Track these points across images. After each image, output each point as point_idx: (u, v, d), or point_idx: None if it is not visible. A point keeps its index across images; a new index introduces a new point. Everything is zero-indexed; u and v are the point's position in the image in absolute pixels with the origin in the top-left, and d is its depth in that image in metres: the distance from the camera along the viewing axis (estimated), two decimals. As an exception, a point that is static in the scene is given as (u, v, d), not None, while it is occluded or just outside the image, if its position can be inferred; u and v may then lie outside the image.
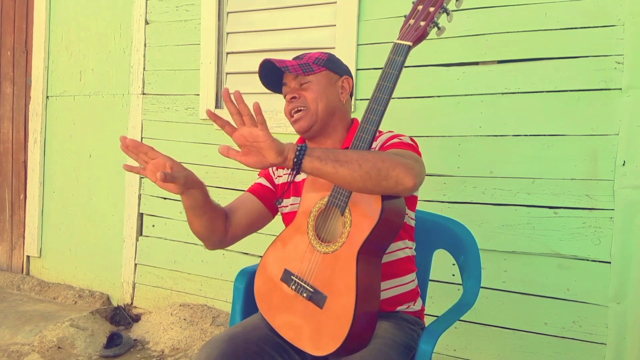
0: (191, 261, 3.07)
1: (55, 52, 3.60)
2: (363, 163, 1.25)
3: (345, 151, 1.30)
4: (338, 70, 1.58)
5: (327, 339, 1.31)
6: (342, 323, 1.29)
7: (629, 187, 1.99)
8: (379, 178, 1.25)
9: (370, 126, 1.35)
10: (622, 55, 2.01)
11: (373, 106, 1.36)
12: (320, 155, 1.26)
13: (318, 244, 1.39)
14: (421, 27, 1.38)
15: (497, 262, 2.23)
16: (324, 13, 2.65)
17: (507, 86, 2.21)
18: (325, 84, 1.54)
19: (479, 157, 2.26)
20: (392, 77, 1.36)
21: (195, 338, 2.78)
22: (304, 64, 1.54)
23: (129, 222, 3.28)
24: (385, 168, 1.25)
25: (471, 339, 2.29)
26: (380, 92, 1.36)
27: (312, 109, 1.53)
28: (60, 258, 3.60)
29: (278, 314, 1.43)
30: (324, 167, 1.25)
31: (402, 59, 1.36)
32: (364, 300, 1.30)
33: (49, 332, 2.83)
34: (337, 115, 1.56)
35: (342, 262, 1.33)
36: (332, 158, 1.26)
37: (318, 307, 1.34)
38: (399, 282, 1.51)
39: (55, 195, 3.62)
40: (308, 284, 1.37)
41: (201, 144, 3.04)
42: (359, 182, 1.26)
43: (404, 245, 1.53)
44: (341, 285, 1.31)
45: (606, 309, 2.04)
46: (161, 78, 3.18)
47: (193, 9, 3.04)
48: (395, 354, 1.35)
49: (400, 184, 1.26)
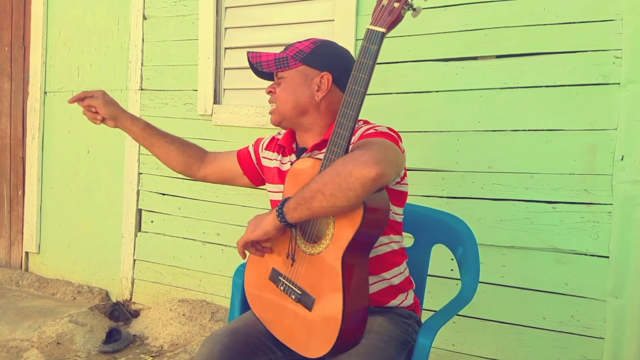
0: (190, 257, 3.07)
1: (53, 48, 3.59)
2: (324, 188, 1.22)
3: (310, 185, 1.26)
4: (319, 65, 1.49)
5: (318, 342, 1.29)
6: (331, 326, 1.27)
7: (628, 181, 1.99)
8: (343, 192, 1.20)
9: (347, 122, 1.27)
10: (620, 50, 2.00)
11: (349, 99, 1.27)
12: (295, 205, 1.29)
13: (304, 244, 1.36)
14: (395, 9, 1.25)
15: (496, 256, 2.23)
16: (322, 8, 2.64)
17: (506, 81, 2.21)
18: (298, 82, 1.49)
19: (478, 152, 2.26)
20: (367, 68, 1.25)
21: (194, 333, 2.78)
22: (281, 58, 1.51)
23: (127, 217, 3.28)
24: (343, 179, 1.19)
25: (470, 334, 2.29)
26: (355, 84, 1.26)
27: (280, 108, 1.52)
28: (59, 254, 3.60)
29: (269, 313, 1.43)
30: (303, 214, 1.28)
31: (377, 47, 1.25)
32: (351, 301, 1.28)
33: (48, 328, 2.83)
34: (311, 114, 1.50)
35: (327, 264, 1.30)
36: (302, 202, 1.27)
37: (307, 309, 1.32)
38: (385, 277, 1.48)
39: (53, 191, 3.62)
40: (296, 285, 1.36)
41: (200, 139, 3.02)
42: (331, 207, 1.23)
43: (389, 240, 1.50)
44: (328, 287, 1.29)
45: (604, 304, 2.04)
46: (159, 73, 3.17)
47: (191, 4, 3.03)
48: (391, 349, 1.35)
49: (364, 183, 1.18)
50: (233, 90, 2.95)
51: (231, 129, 2.91)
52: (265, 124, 2.77)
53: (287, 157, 1.59)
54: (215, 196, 2.96)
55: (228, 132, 2.92)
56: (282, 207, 1.31)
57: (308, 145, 1.53)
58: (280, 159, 1.62)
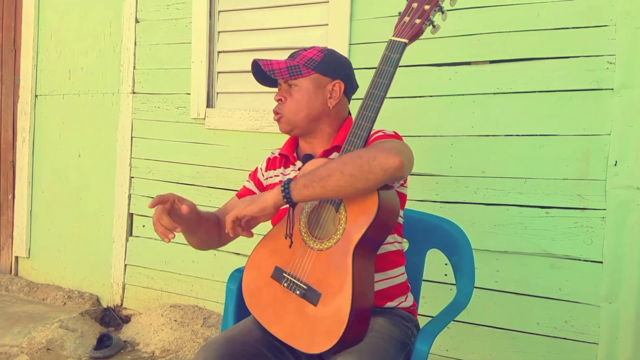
0: (182, 262, 3.05)
1: (44, 51, 3.57)
2: (344, 168, 1.26)
3: (327, 164, 1.30)
4: (330, 73, 1.54)
5: (322, 337, 1.29)
6: (337, 321, 1.28)
7: (621, 187, 2.00)
8: (364, 173, 1.25)
9: (365, 122, 1.35)
10: (614, 55, 2.01)
11: (368, 102, 1.36)
12: (306, 182, 1.29)
13: (311, 241, 1.38)
14: (417, 25, 1.37)
15: (489, 262, 2.23)
16: (316, 12, 2.63)
17: (499, 86, 2.21)
18: (312, 90, 1.52)
19: (471, 157, 2.26)
20: (387, 74, 1.36)
21: (186, 339, 2.76)
22: (293, 66, 1.52)
23: (118, 222, 3.26)
24: (365, 162, 1.25)
25: (463, 339, 2.28)
26: (375, 88, 1.36)
27: (290, 117, 1.54)
28: (49, 259, 3.56)
29: (268, 312, 1.42)
30: (313, 192, 1.28)
31: (398, 56, 1.36)
32: (359, 297, 1.29)
33: (38, 334, 2.79)
34: (324, 120, 1.55)
35: (337, 260, 1.32)
36: (316, 179, 1.28)
37: (312, 304, 1.33)
38: (388, 276, 1.50)
39: (44, 195, 3.59)
40: (301, 281, 1.36)
41: (192, 143, 3.02)
42: (348, 187, 1.27)
43: (393, 240, 1.52)
44: (336, 282, 1.30)
45: (598, 309, 2.04)
46: (152, 77, 3.16)
47: (184, 7, 3.02)
48: (392, 349, 1.35)
49: (386, 169, 1.25)
50: (226, 94, 2.94)
51: (224, 132, 2.89)
52: (258, 128, 2.76)
53: (291, 167, 1.60)
54: (208, 200, 2.94)
55: (221, 136, 2.91)
56: (288, 183, 1.31)
57: (316, 151, 1.56)
58: (282, 171, 1.62)
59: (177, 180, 3.06)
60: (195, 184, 3.01)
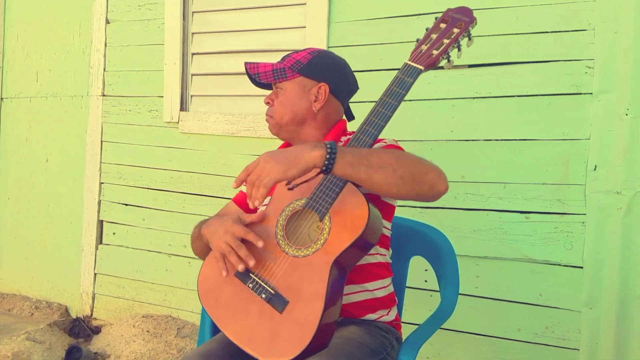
0: (154, 270, 2.98)
1: (10, 52, 3.48)
2: (398, 167, 1.24)
3: (379, 153, 1.27)
4: (316, 77, 1.51)
5: (284, 346, 1.25)
6: (304, 330, 1.24)
7: (600, 191, 2.00)
8: (413, 183, 1.24)
9: (367, 138, 1.34)
10: (592, 60, 2.01)
11: (373, 119, 1.36)
12: (353, 161, 1.23)
13: (287, 246, 1.34)
14: (433, 56, 1.39)
15: (469, 267, 2.21)
16: (294, 14, 2.60)
17: (478, 90, 2.20)
18: (296, 94, 1.51)
19: (451, 162, 2.23)
20: (398, 96, 1.37)
21: (159, 351, 2.70)
22: (279, 69, 1.52)
23: (88, 229, 3.17)
24: (418, 172, 1.25)
25: (443, 346, 2.26)
26: (383, 107, 1.36)
27: (277, 120, 1.53)
28: (16, 268, 3.47)
29: (226, 312, 1.36)
30: (356, 174, 1.24)
31: (412, 80, 1.38)
32: (330, 309, 1.27)
33: (4, 347, 2.71)
34: (309, 124, 1.53)
35: (313, 269, 1.28)
36: (365, 163, 1.23)
37: (277, 311, 1.28)
38: (368, 287, 1.45)
39: (9, 202, 3.50)
40: (269, 285, 1.31)
41: (165, 147, 2.95)
42: (392, 187, 1.25)
43: (374, 252, 1.48)
44: (309, 291, 1.27)
45: (579, 314, 2.04)
46: (122, 79, 3.09)
47: (156, 7, 2.96)
48: (359, 353, 1.31)
49: (434, 188, 1.26)
50: (201, 97, 2.89)
51: (199, 137, 2.83)
52: (234, 132, 2.70)
53: None
54: (182, 207, 2.88)
55: (195, 140, 2.85)
56: (335, 151, 1.22)
57: None
58: None
59: (150, 186, 2.99)
60: (168, 190, 2.94)
